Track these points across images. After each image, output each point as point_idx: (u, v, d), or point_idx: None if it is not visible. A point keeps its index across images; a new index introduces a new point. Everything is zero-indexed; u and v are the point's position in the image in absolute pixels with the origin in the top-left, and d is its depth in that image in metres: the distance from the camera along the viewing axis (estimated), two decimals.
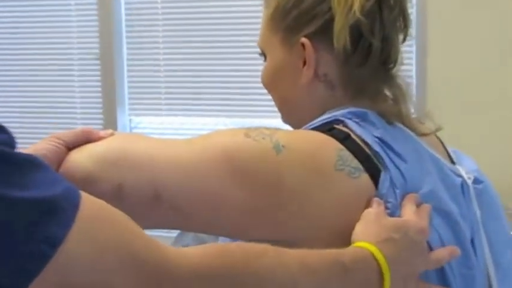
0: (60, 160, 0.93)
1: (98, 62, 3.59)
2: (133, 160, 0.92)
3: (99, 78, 3.61)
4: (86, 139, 0.95)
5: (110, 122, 3.55)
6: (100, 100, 3.62)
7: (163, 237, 3.82)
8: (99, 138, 0.96)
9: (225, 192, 0.93)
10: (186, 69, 3.52)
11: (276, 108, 1.20)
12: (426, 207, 1.00)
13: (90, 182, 0.90)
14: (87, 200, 0.74)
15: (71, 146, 0.94)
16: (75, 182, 0.89)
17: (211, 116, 3.52)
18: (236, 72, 3.43)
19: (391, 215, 0.98)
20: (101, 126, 3.54)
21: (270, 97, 1.20)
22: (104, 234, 0.73)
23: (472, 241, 1.08)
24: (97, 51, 3.58)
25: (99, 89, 3.61)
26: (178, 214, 0.93)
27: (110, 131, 0.98)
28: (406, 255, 0.94)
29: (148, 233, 0.80)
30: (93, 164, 0.91)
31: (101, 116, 3.63)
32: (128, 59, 3.59)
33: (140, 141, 0.97)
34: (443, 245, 1.01)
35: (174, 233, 3.37)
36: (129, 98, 3.63)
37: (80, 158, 0.92)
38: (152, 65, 3.57)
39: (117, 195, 0.90)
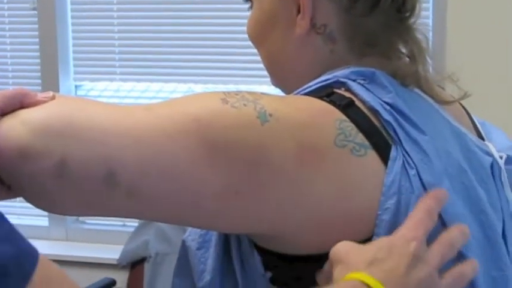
0: None
1: (35, 12, 3.56)
2: (80, 130, 0.91)
3: (36, 33, 3.57)
4: (21, 103, 0.93)
5: (50, 88, 3.52)
6: (37, 61, 3.60)
7: (119, 232, 3.83)
8: (37, 103, 0.94)
9: (196, 172, 0.92)
10: (148, 22, 3.50)
11: (259, 73, 1.19)
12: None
13: (26, 158, 0.88)
14: (41, 269, 0.72)
15: (1, 111, 0.92)
16: (8, 157, 0.88)
17: (180, 82, 3.52)
18: (211, 34, 3.44)
19: (405, 203, 0.98)
20: None
21: (253, 59, 1.19)
22: None
23: (504, 235, 1.08)
24: None
25: (37, 46, 3.58)
26: (137, 199, 0.93)
27: (50, 93, 0.96)
28: (401, 271, 0.95)
29: (103, 226, 0.81)
30: (30, 134, 0.89)
31: (38, 80, 3.60)
32: (72, 10, 3.56)
33: (89, 107, 0.95)
34: (468, 242, 1.01)
35: (131, 227, 3.38)
36: (75, 59, 3.60)
37: (14, 127, 0.90)
38: (103, 17, 3.54)
39: (59, 173, 0.89)
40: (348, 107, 1.00)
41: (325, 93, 1.03)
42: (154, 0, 3.47)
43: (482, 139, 1.17)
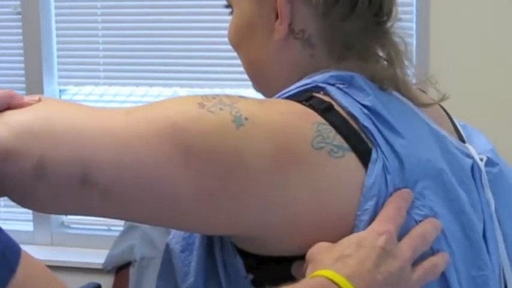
0: None
1: (19, 17, 3.55)
2: (58, 132, 0.92)
3: (20, 37, 3.57)
4: (7, 105, 0.95)
5: (35, 92, 3.50)
6: (22, 66, 3.59)
7: (104, 236, 3.80)
8: (24, 105, 0.95)
9: (171, 176, 0.93)
10: (132, 26, 3.51)
11: (245, 76, 1.20)
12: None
13: (9, 159, 0.90)
14: (25, 263, 0.73)
15: None
16: None
17: (165, 86, 3.53)
18: (196, 38, 3.44)
19: (382, 206, 0.99)
20: None
21: (239, 62, 1.20)
22: None
23: (484, 236, 1.09)
24: (18, 3, 3.54)
25: (21, 51, 3.58)
26: (114, 200, 0.94)
27: (37, 96, 0.97)
28: (368, 265, 0.95)
29: (88, 231, 0.82)
30: (14, 136, 0.91)
31: (23, 85, 3.60)
32: (57, 14, 3.56)
33: (70, 109, 0.97)
34: (447, 241, 1.03)
35: (116, 231, 3.38)
36: (59, 63, 3.60)
37: None
38: (88, 21, 3.54)
39: (38, 174, 0.91)
40: (326, 111, 1.01)
41: (305, 97, 1.03)
42: (139, 4, 3.47)
43: (463, 141, 1.17)
